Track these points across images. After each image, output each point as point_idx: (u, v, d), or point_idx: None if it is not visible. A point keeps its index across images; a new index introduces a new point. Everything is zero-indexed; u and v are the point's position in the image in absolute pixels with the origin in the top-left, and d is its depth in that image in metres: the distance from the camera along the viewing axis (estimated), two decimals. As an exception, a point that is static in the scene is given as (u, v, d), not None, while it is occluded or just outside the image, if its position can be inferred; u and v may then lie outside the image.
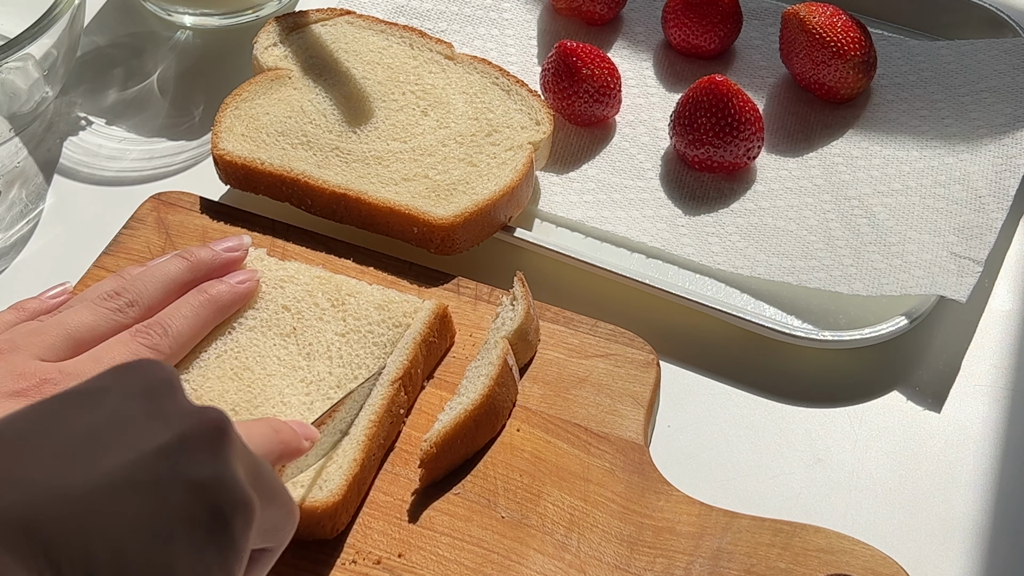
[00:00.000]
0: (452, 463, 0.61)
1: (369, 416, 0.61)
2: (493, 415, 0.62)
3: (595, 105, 0.78)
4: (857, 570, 0.56)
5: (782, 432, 0.67)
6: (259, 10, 0.89)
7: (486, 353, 0.63)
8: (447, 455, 0.60)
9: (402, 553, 0.58)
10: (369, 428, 0.60)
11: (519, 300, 0.65)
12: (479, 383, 0.62)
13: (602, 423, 0.63)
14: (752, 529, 0.58)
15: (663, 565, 0.58)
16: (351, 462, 0.59)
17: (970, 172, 0.76)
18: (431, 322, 0.65)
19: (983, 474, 0.65)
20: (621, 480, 0.61)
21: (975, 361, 0.70)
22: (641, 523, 0.59)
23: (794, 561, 0.57)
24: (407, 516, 0.60)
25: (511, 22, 0.88)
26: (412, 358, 0.63)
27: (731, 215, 0.75)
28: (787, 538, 0.58)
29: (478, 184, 0.72)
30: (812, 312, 0.71)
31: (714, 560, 0.57)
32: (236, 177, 0.74)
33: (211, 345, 0.64)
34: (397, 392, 0.62)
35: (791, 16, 0.80)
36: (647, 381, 0.65)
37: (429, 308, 0.65)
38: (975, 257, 0.70)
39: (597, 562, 0.58)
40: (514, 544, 0.58)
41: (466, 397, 0.61)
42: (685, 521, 0.59)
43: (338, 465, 0.59)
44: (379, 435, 0.61)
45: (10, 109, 0.80)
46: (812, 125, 0.81)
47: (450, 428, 0.60)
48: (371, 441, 0.60)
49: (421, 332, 0.64)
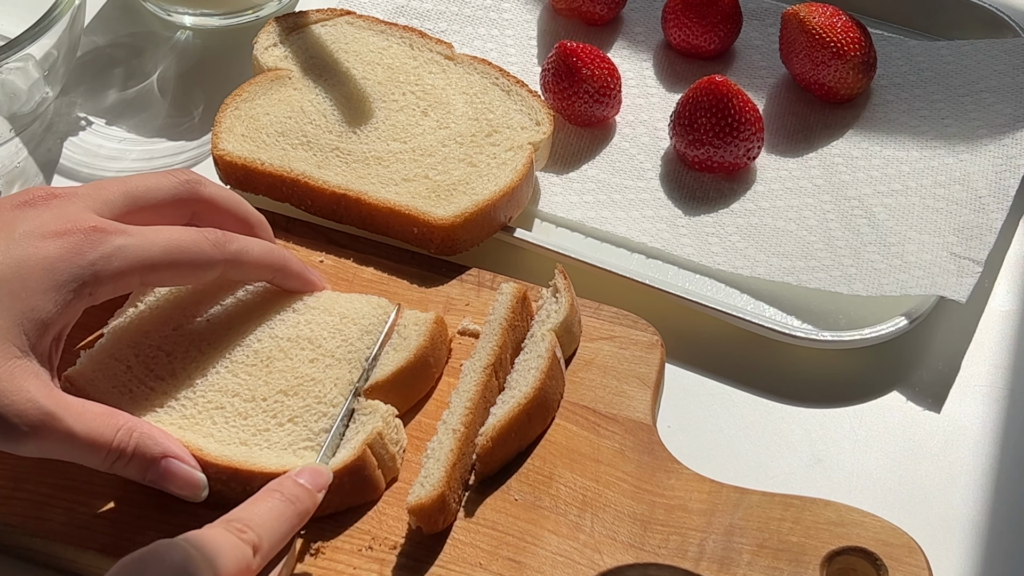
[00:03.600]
0: (506, 457, 0.61)
1: (464, 404, 0.61)
2: (544, 408, 0.62)
3: (595, 105, 0.78)
4: (868, 542, 0.56)
5: (782, 432, 0.67)
6: (259, 10, 0.89)
7: (534, 346, 0.63)
8: (501, 448, 0.60)
9: (419, 540, 0.58)
10: (465, 416, 0.60)
11: (562, 292, 0.66)
12: (530, 376, 0.62)
13: (610, 404, 0.64)
14: (763, 504, 0.59)
15: (676, 542, 0.58)
16: (448, 452, 0.59)
17: (970, 172, 0.76)
18: (514, 306, 0.65)
19: (983, 474, 0.65)
20: (631, 460, 0.61)
21: (975, 361, 0.70)
22: (653, 502, 0.60)
23: (805, 535, 0.57)
24: None
25: (511, 22, 0.88)
26: (501, 343, 0.63)
27: (731, 215, 0.75)
28: (798, 512, 0.58)
29: (478, 184, 0.72)
30: (812, 312, 0.71)
31: (726, 536, 0.58)
32: (236, 177, 0.74)
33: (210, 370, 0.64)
34: (489, 378, 0.62)
35: (791, 16, 0.80)
36: (652, 362, 0.65)
37: (510, 292, 0.65)
38: (975, 257, 0.71)
39: (612, 541, 0.58)
40: (528, 526, 0.59)
41: (518, 390, 0.61)
42: (696, 499, 0.60)
43: (436, 459, 0.59)
44: (475, 423, 0.61)
45: (10, 109, 0.80)
46: (812, 125, 0.81)
47: (504, 422, 0.60)
48: (468, 429, 0.60)
49: (507, 317, 0.64)
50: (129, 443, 0.56)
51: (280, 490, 0.55)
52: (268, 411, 0.61)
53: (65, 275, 0.55)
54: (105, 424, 0.56)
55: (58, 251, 0.56)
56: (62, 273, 0.55)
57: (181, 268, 0.60)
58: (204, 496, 0.58)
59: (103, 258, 0.56)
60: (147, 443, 0.57)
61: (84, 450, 0.56)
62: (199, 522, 0.55)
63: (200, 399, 0.62)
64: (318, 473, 0.57)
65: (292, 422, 0.61)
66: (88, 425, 0.56)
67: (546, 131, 0.75)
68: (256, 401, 0.62)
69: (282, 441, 0.60)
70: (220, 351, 0.64)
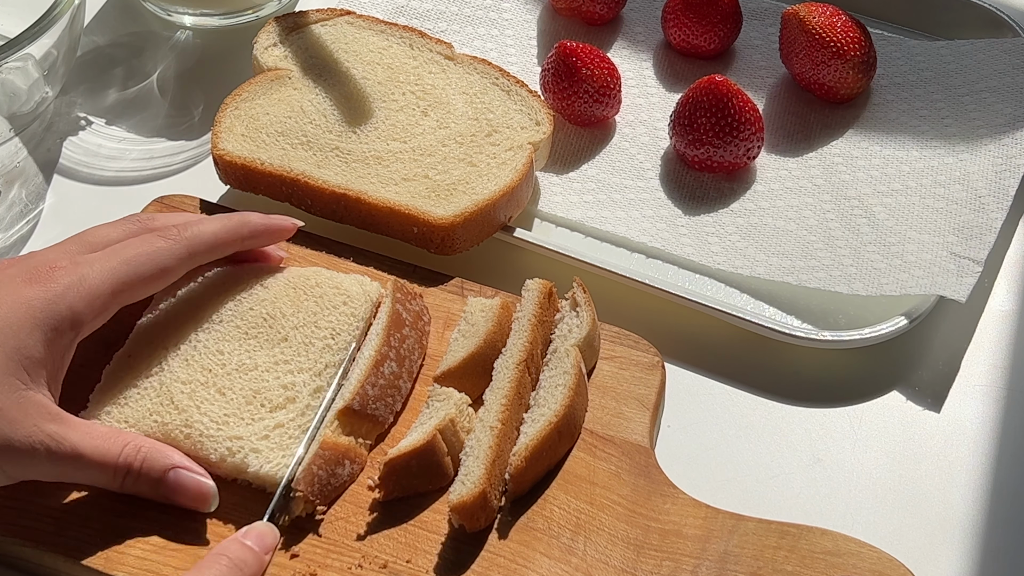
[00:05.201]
0: (537, 475, 0.60)
1: (500, 401, 0.61)
2: (573, 424, 0.62)
3: (595, 105, 0.78)
4: (864, 573, 0.56)
5: (782, 432, 0.67)
6: (259, 10, 0.89)
7: (558, 362, 0.63)
8: (533, 468, 0.60)
9: (410, 559, 0.58)
10: (502, 413, 0.60)
11: (582, 307, 0.65)
12: (558, 393, 0.61)
13: (607, 426, 0.63)
14: (758, 532, 0.58)
15: (669, 568, 0.58)
16: (487, 450, 0.59)
17: (970, 172, 0.76)
18: (541, 301, 0.65)
19: (982, 474, 0.65)
20: (627, 483, 0.61)
21: (974, 361, 0.70)
22: (647, 526, 0.59)
23: (801, 564, 0.57)
24: (412, 521, 0.59)
25: (511, 22, 0.88)
26: (532, 339, 0.63)
27: (731, 215, 0.75)
28: (794, 540, 0.58)
29: (478, 184, 0.72)
30: (812, 312, 0.71)
31: (721, 563, 0.57)
32: (236, 177, 0.74)
33: (179, 350, 0.64)
34: (523, 375, 0.62)
35: (791, 16, 0.80)
36: (652, 384, 0.65)
37: (536, 288, 0.65)
38: (975, 257, 0.71)
39: (604, 565, 0.58)
40: (520, 548, 0.58)
41: (547, 408, 0.61)
42: (691, 524, 0.59)
43: (475, 457, 0.59)
44: (511, 419, 0.60)
45: (10, 109, 0.80)
46: (812, 125, 0.81)
47: (536, 441, 0.59)
48: (505, 426, 0.60)
49: (535, 313, 0.64)
50: (136, 457, 0.58)
51: (227, 554, 0.56)
52: (247, 411, 0.62)
53: (42, 313, 0.58)
54: (112, 442, 0.58)
55: (33, 293, 0.58)
56: (40, 311, 0.58)
57: (147, 274, 0.62)
58: (215, 506, 0.59)
59: (70, 289, 0.59)
60: (155, 456, 0.58)
61: (94, 469, 0.57)
62: (186, 534, 0.56)
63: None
64: (264, 535, 0.58)
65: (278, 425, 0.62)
66: (94, 443, 0.57)
67: (546, 131, 0.75)
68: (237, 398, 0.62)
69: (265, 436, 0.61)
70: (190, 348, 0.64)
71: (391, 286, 0.66)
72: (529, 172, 0.73)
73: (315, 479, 0.59)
